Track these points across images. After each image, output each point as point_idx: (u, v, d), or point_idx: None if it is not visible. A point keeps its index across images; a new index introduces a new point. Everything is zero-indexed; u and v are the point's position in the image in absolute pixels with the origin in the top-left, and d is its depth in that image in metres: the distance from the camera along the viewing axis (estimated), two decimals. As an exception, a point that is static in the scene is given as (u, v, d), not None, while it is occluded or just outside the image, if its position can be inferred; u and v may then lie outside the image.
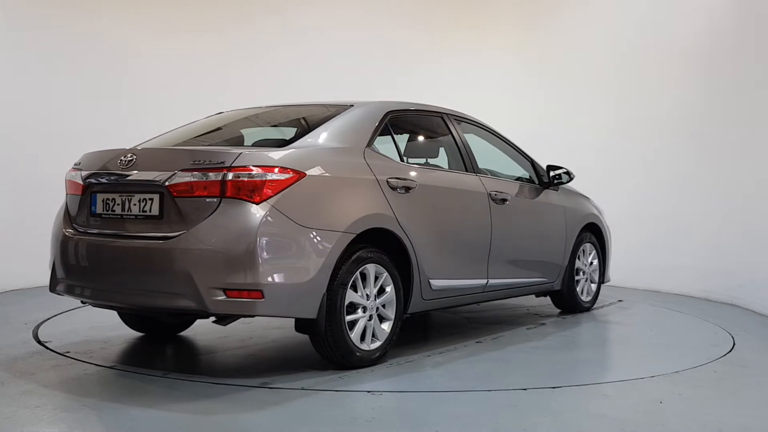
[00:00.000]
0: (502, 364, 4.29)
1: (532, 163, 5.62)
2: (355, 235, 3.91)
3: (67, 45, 7.51)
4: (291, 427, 3.10)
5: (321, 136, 4.13)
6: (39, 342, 4.65)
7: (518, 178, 5.53)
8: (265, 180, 3.64)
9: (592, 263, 6.20)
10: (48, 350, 4.43)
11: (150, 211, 3.79)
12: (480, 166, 5.48)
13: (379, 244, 4.14)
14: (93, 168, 4.11)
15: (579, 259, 5.99)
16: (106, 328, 5.09)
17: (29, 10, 7.29)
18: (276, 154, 3.79)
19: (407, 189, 4.32)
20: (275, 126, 4.65)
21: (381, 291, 4.16)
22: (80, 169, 4.18)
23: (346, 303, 3.91)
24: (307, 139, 4.08)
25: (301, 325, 3.92)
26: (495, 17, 9.30)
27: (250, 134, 4.55)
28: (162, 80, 7.97)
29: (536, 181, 5.60)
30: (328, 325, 3.85)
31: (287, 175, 3.71)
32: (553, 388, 3.78)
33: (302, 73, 8.40)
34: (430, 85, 8.78)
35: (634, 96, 7.96)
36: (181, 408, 3.33)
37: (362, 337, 4.03)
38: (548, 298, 6.12)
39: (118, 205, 3.92)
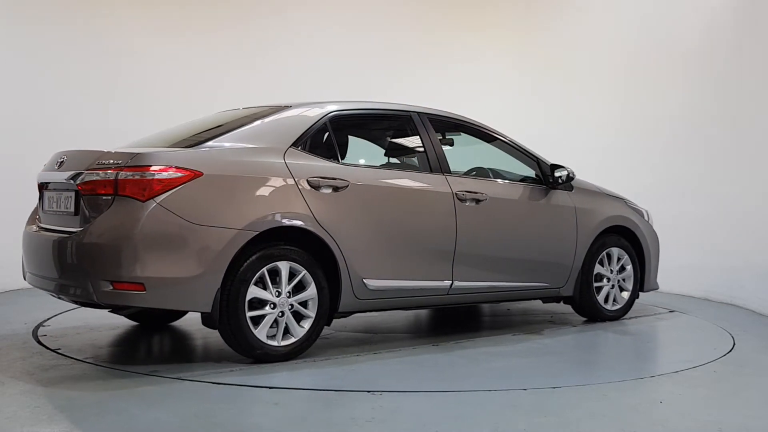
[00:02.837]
0: (415, 368, 4.18)
1: (538, 163, 5.41)
2: (256, 233, 4.00)
3: (64, 44, 7.50)
4: (291, 427, 3.11)
5: (237, 137, 4.28)
6: (39, 342, 4.65)
7: (523, 179, 5.38)
8: (153, 179, 3.83)
9: (624, 269, 5.78)
10: (48, 350, 4.43)
11: (69, 208, 4.14)
12: (484, 166, 5.46)
13: (302, 243, 4.21)
14: (47, 168, 4.44)
15: (602, 264, 5.64)
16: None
17: (26, 10, 7.29)
18: (169, 155, 3.99)
19: (336, 188, 4.34)
20: (219, 128, 4.50)
21: (301, 289, 4.21)
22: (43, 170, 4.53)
23: (250, 298, 4.01)
24: (221, 140, 4.24)
25: (204, 318, 4.04)
26: (496, 19, 9.29)
27: (199, 137, 4.53)
28: (158, 80, 7.96)
29: (543, 181, 5.38)
30: (227, 319, 3.97)
31: (179, 174, 3.87)
32: (553, 388, 3.78)
33: (300, 73, 8.37)
34: (431, 86, 8.75)
35: (638, 97, 7.95)
36: (181, 408, 3.33)
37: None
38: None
39: (54, 202, 4.30)
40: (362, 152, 5.23)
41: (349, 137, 5.14)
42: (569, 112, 8.68)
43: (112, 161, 3.93)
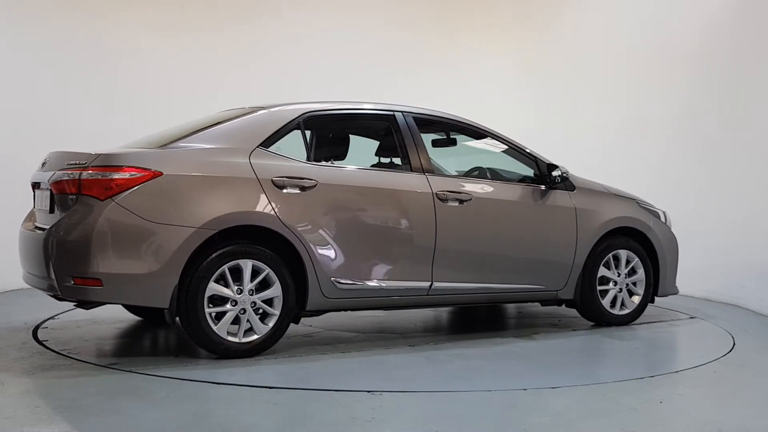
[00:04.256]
0: (368, 367, 4.17)
1: (536, 162, 5.29)
2: (214, 232, 4.09)
3: (64, 44, 7.50)
4: (291, 427, 3.11)
5: (207, 138, 4.39)
6: (39, 342, 4.64)
7: (523, 179, 5.29)
8: (112, 179, 3.99)
9: (635, 272, 5.56)
10: (48, 350, 4.43)
11: (46, 207, 4.35)
12: (481, 166, 5.41)
13: (269, 242, 4.28)
14: (38, 168, 4.60)
15: (609, 267, 5.45)
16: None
17: (26, 10, 7.29)
18: (130, 155, 4.14)
19: (303, 188, 4.37)
20: (195, 129, 4.55)
21: (267, 287, 4.28)
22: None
23: (210, 295, 4.12)
24: (190, 141, 4.36)
25: (165, 314, 4.15)
26: (496, 20, 9.28)
27: (177, 137, 4.60)
28: (158, 80, 7.95)
29: (542, 181, 5.27)
30: (186, 315, 4.08)
31: (137, 174, 4.02)
32: (553, 388, 3.78)
33: (300, 73, 8.36)
34: (431, 86, 8.73)
35: (638, 97, 7.94)
36: (181, 408, 3.34)
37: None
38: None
39: (39, 201, 4.51)
40: (338, 152, 5.23)
41: (325, 137, 5.17)
42: (569, 113, 8.68)
43: (77, 162, 4.11)
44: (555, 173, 5.25)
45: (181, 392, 3.59)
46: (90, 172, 4.01)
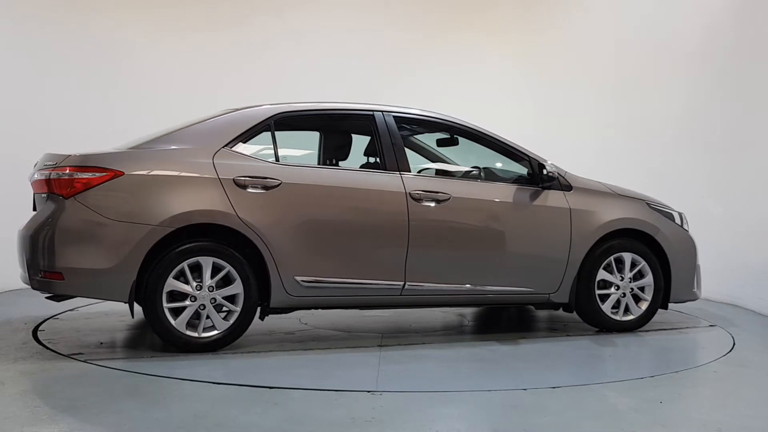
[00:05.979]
0: (311, 363, 4.21)
1: (530, 162, 5.13)
2: (172, 229, 4.23)
3: (64, 44, 7.50)
4: (291, 427, 3.11)
5: (174, 139, 4.53)
6: (39, 342, 4.65)
7: (517, 179, 5.18)
8: (74, 178, 4.21)
9: (643, 276, 5.30)
10: (48, 350, 4.43)
11: (33, 206, 4.61)
12: (476, 166, 5.38)
13: (233, 240, 4.38)
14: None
15: (611, 271, 5.21)
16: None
17: (26, 10, 7.29)
18: (94, 156, 4.33)
19: (266, 187, 4.43)
20: (172, 131, 4.64)
21: (230, 283, 4.39)
22: None
23: (169, 290, 4.25)
24: (159, 142, 4.52)
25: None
26: (496, 20, 9.29)
27: (154, 138, 4.73)
28: (158, 80, 7.95)
29: (536, 181, 5.12)
30: (145, 309, 4.26)
31: (99, 174, 4.22)
32: (553, 388, 3.78)
33: (300, 73, 8.36)
34: (431, 87, 8.74)
35: (637, 98, 7.95)
36: (181, 408, 3.34)
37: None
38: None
39: (32, 200, 4.71)
40: (311, 151, 5.25)
41: (298, 137, 5.21)
42: (569, 113, 8.67)
43: (50, 162, 4.33)
44: (544, 171, 5.09)
45: (181, 392, 3.59)
46: (58, 171, 4.23)
